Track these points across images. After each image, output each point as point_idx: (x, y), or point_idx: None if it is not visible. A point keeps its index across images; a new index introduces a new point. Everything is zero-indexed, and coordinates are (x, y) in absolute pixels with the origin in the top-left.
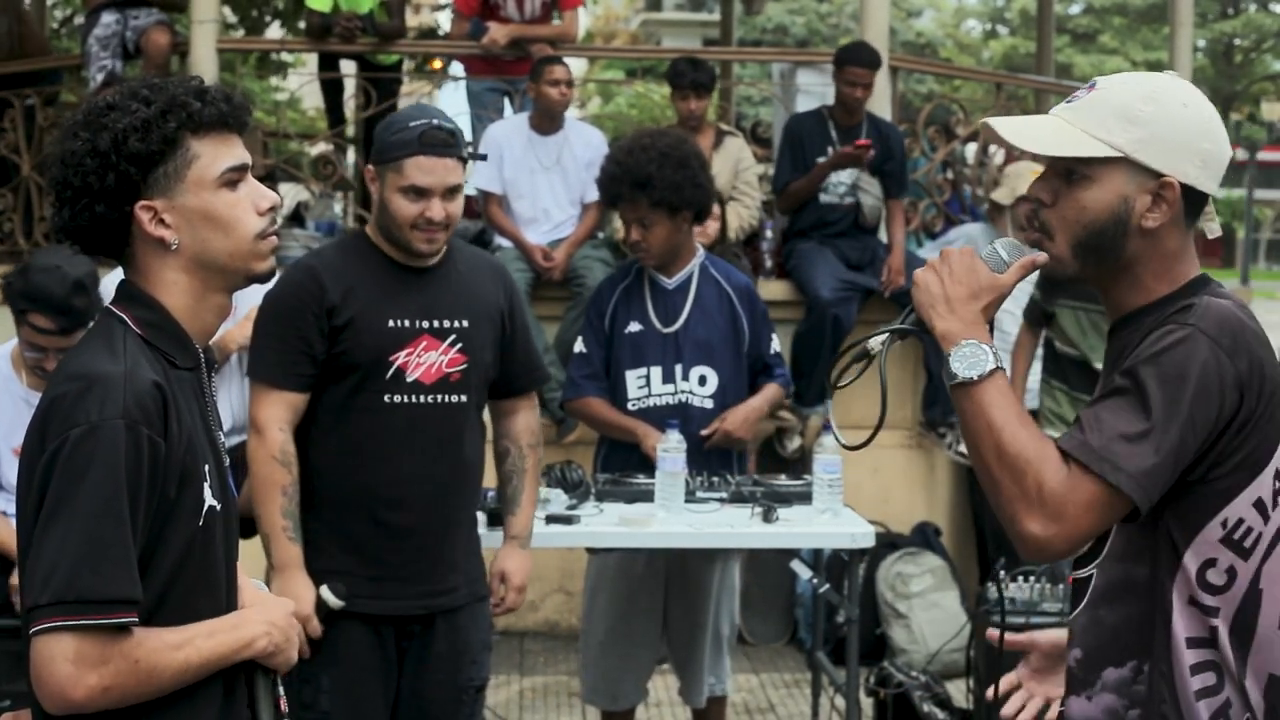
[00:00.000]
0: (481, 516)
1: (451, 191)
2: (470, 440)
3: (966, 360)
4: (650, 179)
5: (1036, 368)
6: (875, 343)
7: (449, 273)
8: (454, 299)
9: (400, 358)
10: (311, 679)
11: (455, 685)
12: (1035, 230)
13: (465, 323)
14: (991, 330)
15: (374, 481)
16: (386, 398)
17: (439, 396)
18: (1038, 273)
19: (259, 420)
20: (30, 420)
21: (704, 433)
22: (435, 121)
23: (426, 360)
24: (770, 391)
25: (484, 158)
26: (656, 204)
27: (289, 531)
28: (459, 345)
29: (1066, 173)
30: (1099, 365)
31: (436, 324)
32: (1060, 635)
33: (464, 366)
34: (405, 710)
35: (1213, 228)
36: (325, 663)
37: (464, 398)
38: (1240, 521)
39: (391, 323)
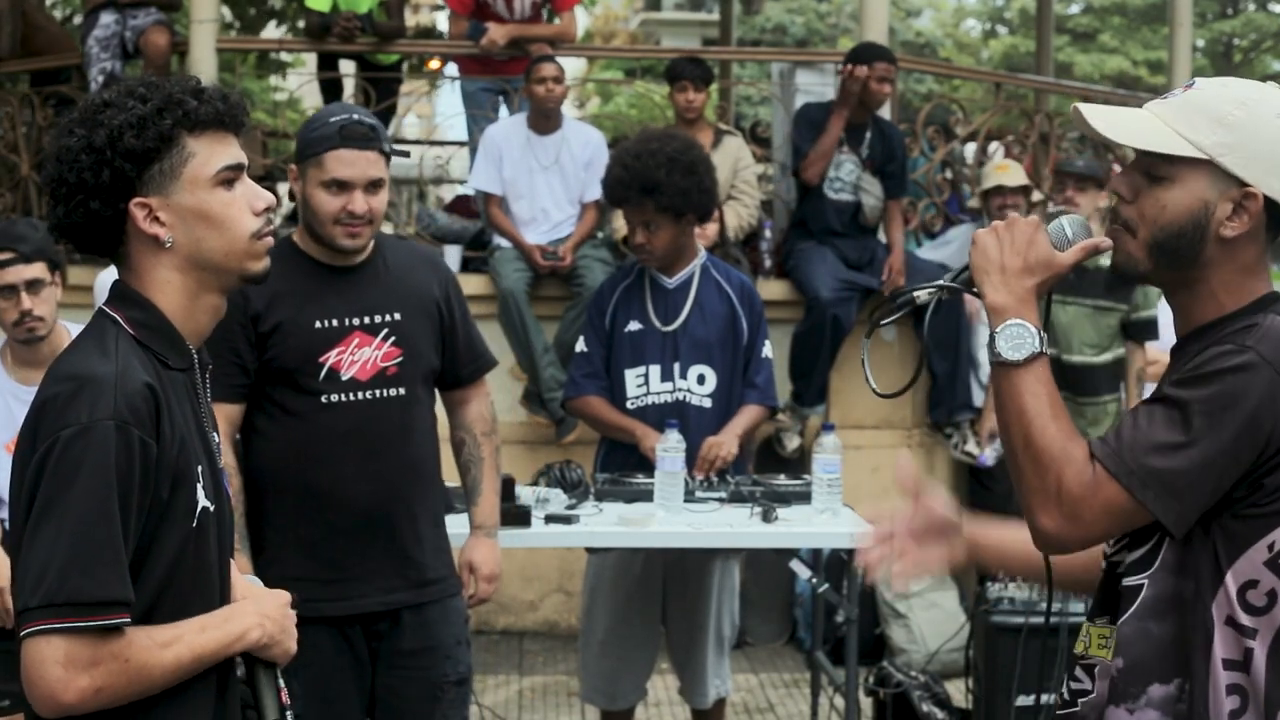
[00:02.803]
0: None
1: (374, 185)
2: (419, 433)
3: (1012, 341)
4: (658, 185)
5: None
6: (923, 295)
7: (377, 268)
8: (383, 293)
9: (331, 357)
10: (284, 684)
11: (429, 681)
12: (1115, 224)
13: (397, 315)
14: (1048, 314)
15: (322, 482)
16: (324, 398)
17: (377, 392)
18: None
19: None
20: (23, 422)
21: (696, 470)
22: (355, 116)
23: (360, 357)
24: (750, 414)
25: (407, 154)
26: (663, 209)
27: (237, 543)
28: (392, 339)
29: (1148, 170)
30: (1078, 358)
31: (367, 320)
32: (947, 514)
33: (400, 359)
34: (383, 710)
35: None
36: (294, 666)
37: (403, 390)
38: None
39: (319, 324)
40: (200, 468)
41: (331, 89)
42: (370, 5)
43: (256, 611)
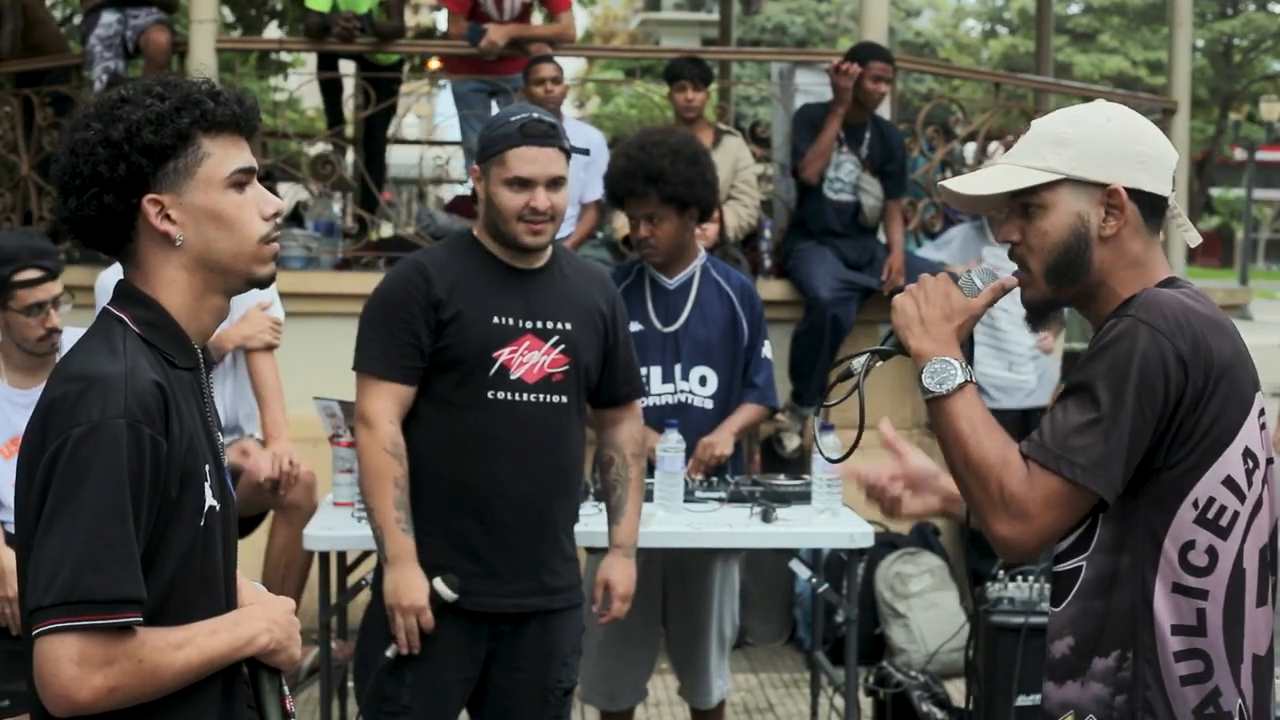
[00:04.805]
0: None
1: (555, 182)
2: (573, 442)
3: (936, 376)
4: (663, 173)
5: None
6: (857, 363)
7: (553, 275)
8: (558, 301)
9: (504, 354)
10: (395, 672)
11: (543, 686)
12: (1017, 265)
13: (568, 325)
14: (971, 354)
15: (476, 477)
16: (490, 394)
17: (542, 396)
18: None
19: (368, 413)
20: (29, 421)
21: (690, 471)
22: (535, 114)
23: (529, 359)
24: (748, 412)
25: (586, 152)
26: (667, 199)
27: (402, 523)
28: (561, 346)
29: (1024, 209)
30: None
31: (540, 324)
32: (926, 465)
33: (566, 368)
34: (492, 708)
35: (1191, 237)
36: (412, 657)
37: (565, 399)
38: (1212, 500)
39: (496, 319)
40: (207, 467)
41: (331, 89)
42: (370, 5)
43: (265, 617)
